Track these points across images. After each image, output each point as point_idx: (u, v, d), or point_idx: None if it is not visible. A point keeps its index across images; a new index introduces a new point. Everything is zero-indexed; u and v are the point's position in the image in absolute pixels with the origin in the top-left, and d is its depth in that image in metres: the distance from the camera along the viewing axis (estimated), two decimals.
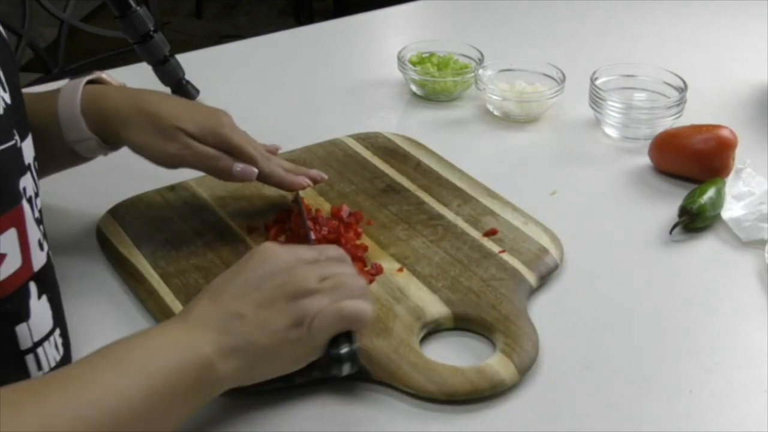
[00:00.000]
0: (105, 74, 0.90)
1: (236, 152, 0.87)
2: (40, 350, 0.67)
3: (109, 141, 0.87)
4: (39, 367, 0.67)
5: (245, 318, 0.66)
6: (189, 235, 0.90)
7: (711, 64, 1.31)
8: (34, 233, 0.66)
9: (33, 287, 0.65)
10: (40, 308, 0.67)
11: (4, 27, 0.72)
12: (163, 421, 0.61)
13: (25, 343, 0.65)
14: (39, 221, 0.70)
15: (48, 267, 0.70)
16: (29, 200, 0.68)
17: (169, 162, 0.87)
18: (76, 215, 0.95)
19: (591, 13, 1.51)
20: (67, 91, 0.86)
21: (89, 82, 0.87)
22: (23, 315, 0.65)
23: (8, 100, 0.66)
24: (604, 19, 1.49)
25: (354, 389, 0.73)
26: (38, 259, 0.67)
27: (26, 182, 0.67)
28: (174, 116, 0.86)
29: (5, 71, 0.67)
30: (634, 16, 1.49)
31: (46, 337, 0.68)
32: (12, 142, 0.65)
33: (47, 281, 0.69)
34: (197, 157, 0.86)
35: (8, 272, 0.62)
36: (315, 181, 0.92)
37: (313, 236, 0.86)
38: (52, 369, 0.68)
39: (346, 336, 0.70)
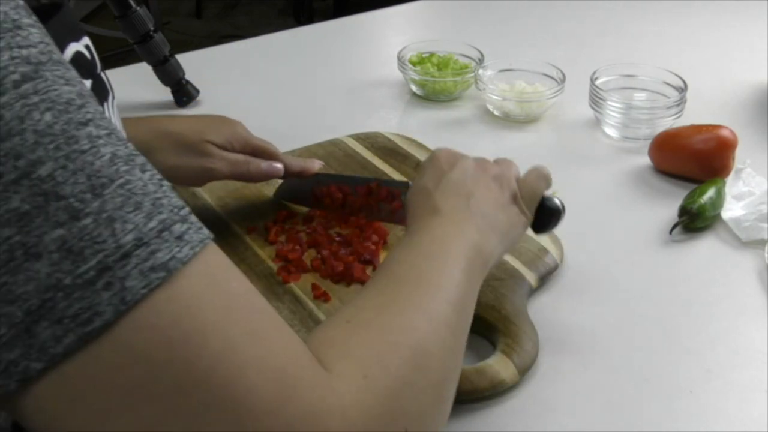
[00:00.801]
0: None
1: (260, 152, 0.89)
2: None
3: None
4: None
5: (479, 198, 0.70)
6: None
7: (711, 64, 1.31)
8: None
9: None
10: None
11: None
12: (473, 304, 0.64)
13: None
14: None
15: None
16: None
17: (204, 177, 0.88)
18: None
19: (591, 13, 1.51)
20: None
21: None
22: None
23: None
24: (604, 19, 1.49)
25: None
26: None
27: None
28: (197, 131, 0.87)
29: None
30: (634, 16, 1.49)
31: None
32: None
33: None
34: (232, 166, 0.87)
35: None
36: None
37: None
38: None
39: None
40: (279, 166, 0.90)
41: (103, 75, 0.58)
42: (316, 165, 0.94)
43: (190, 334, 0.42)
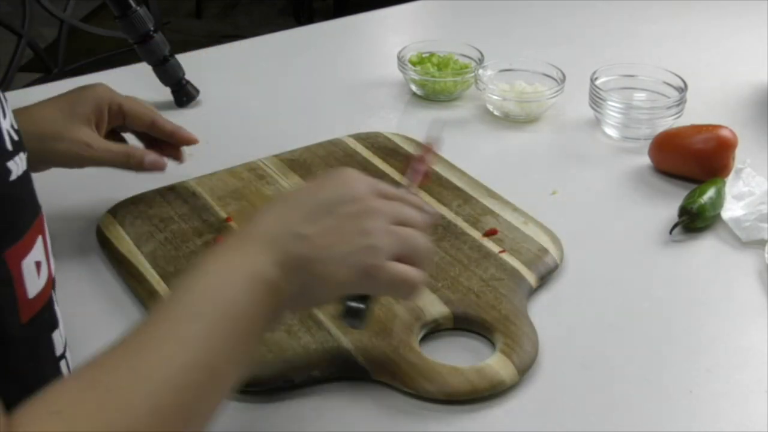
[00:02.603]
0: None
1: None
2: (68, 354, 0.67)
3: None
4: (69, 370, 0.67)
5: (309, 240, 0.63)
6: (189, 235, 0.90)
7: (711, 64, 1.31)
8: (49, 240, 0.66)
9: (53, 294, 0.65)
10: (60, 314, 0.66)
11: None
12: (247, 357, 0.60)
13: (59, 349, 0.65)
14: None
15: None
16: None
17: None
18: (76, 215, 0.95)
19: (591, 13, 1.51)
20: None
21: None
22: (55, 322, 0.64)
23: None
24: (604, 19, 1.49)
25: (354, 389, 0.73)
26: (53, 266, 0.67)
27: None
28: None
29: None
30: (634, 16, 1.49)
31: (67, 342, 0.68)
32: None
33: (56, 289, 0.68)
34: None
35: (44, 281, 0.61)
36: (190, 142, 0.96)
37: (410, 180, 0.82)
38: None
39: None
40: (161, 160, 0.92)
41: None
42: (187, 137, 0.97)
43: None
